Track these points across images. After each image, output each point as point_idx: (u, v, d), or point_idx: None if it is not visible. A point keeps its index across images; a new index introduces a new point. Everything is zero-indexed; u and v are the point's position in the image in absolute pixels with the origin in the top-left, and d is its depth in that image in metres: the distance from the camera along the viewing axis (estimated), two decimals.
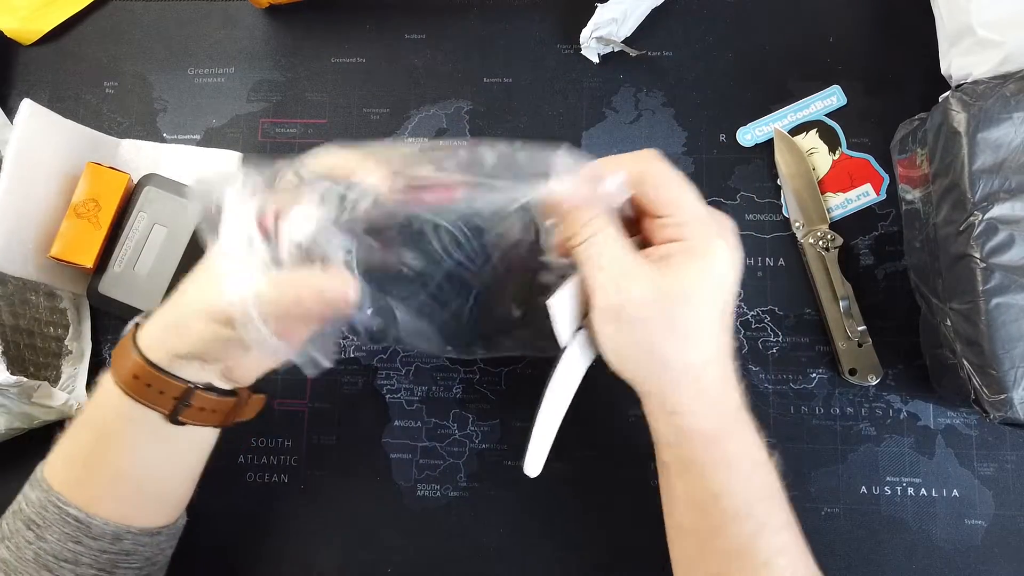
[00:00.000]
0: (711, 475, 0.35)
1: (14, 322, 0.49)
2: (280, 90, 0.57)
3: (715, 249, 0.34)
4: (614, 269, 0.34)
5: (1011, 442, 0.50)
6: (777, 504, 0.36)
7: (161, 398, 0.37)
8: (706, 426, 0.35)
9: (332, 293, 0.35)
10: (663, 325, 0.34)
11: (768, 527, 0.35)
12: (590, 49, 0.55)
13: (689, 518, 0.37)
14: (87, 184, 0.50)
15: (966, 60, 0.49)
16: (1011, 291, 0.42)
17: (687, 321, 0.34)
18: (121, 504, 0.39)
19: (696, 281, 0.34)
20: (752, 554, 0.34)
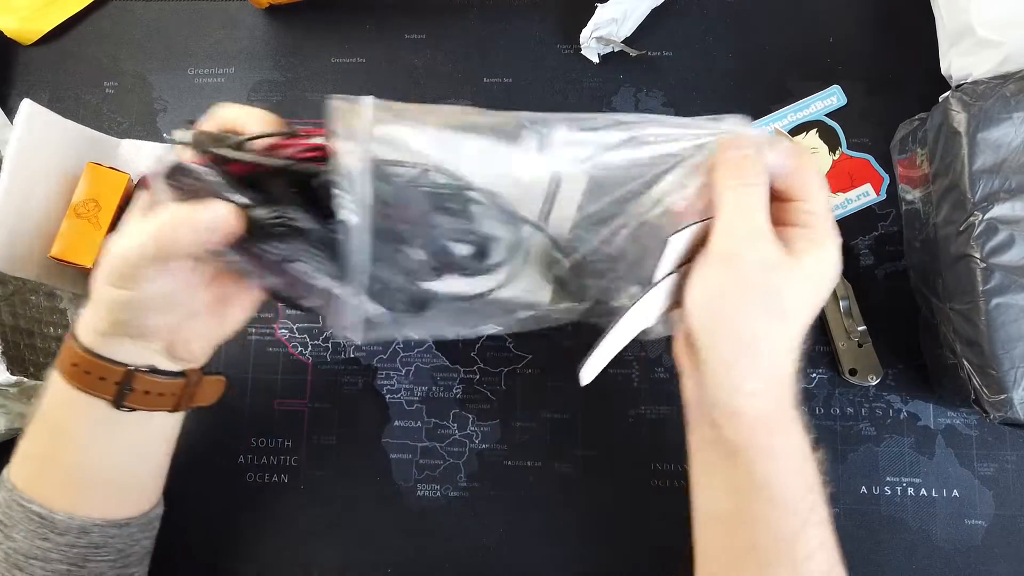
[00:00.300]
0: (760, 463, 0.34)
1: (14, 322, 0.49)
2: (280, 90, 0.57)
3: (831, 245, 0.35)
4: (751, 221, 0.34)
5: (1011, 442, 0.50)
6: (819, 500, 0.35)
7: (102, 384, 0.36)
8: (763, 411, 0.34)
9: (204, 217, 0.33)
10: (764, 294, 0.34)
11: (810, 523, 0.35)
12: (590, 49, 0.55)
13: (728, 505, 0.36)
14: (87, 184, 0.50)
15: (966, 60, 0.49)
16: (1011, 291, 0.42)
17: (786, 301, 0.34)
18: (82, 497, 0.38)
19: (809, 268, 0.34)
20: (796, 548, 0.34)
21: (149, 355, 0.38)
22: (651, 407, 0.52)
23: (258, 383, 0.53)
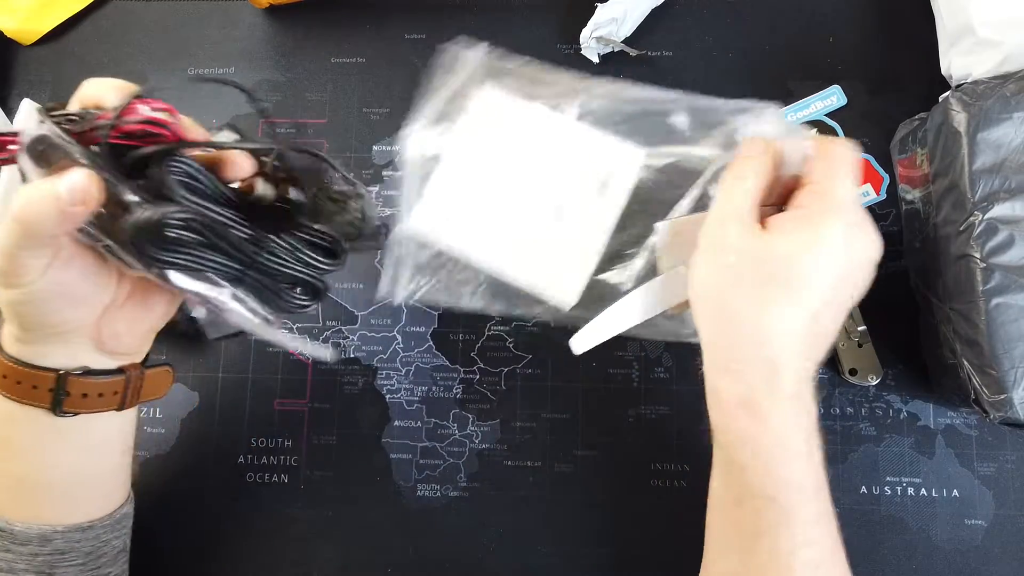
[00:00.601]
0: (739, 449, 0.34)
1: None
2: (280, 90, 0.57)
3: (829, 223, 0.33)
4: (728, 206, 0.34)
5: (1011, 442, 0.50)
6: (811, 496, 0.34)
7: (35, 392, 0.35)
8: (743, 395, 0.34)
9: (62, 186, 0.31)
10: (749, 278, 0.33)
11: (796, 517, 0.34)
12: (590, 49, 0.55)
13: (717, 488, 0.36)
14: None
15: (966, 60, 0.49)
16: (1011, 291, 0.42)
17: (773, 285, 0.33)
18: (37, 506, 0.38)
19: (798, 249, 0.33)
20: (774, 540, 0.34)
21: (80, 355, 0.36)
22: (651, 407, 0.52)
23: (258, 383, 0.53)
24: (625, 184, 0.48)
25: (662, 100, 0.45)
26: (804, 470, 0.35)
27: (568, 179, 0.47)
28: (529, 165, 0.48)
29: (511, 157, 0.49)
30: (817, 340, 0.34)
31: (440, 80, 0.48)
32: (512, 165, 0.48)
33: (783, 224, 0.34)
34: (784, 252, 0.33)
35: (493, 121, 0.49)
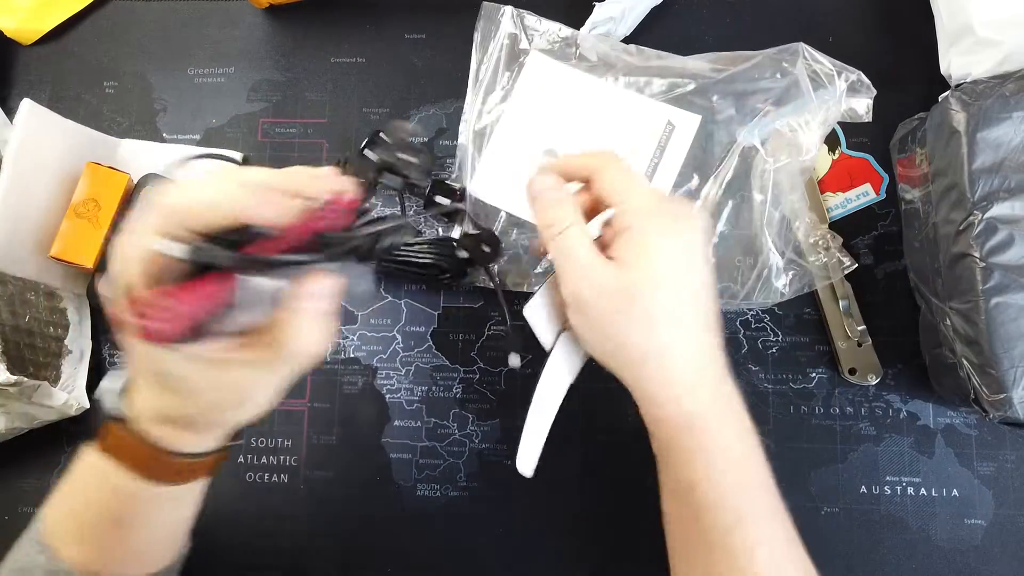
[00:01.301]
0: (685, 465, 0.35)
1: (14, 322, 0.49)
2: (280, 90, 0.57)
3: (654, 239, 0.35)
4: (578, 260, 0.36)
5: (1011, 442, 0.50)
6: (759, 495, 0.36)
7: (182, 476, 0.36)
8: (678, 415, 0.35)
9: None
10: (621, 315, 0.35)
11: (747, 518, 0.35)
12: (588, 48, 0.55)
13: (672, 507, 0.37)
14: (87, 184, 0.50)
15: (966, 60, 0.49)
16: (1011, 290, 0.42)
17: (641, 309, 0.35)
18: (141, 562, 0.38)
19: (644, 269, 0.35)
20: (730, 545, 0.34)
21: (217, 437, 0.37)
22: None
23: None
24: (681, 148, 0.52)
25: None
26: (747, 471, 0.36)
27: (624, 144, 0.49)
28: (583, 131, 0.50)
29: (564, 123, 0.51)
30: (704, 326, 0.36)
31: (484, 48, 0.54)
32: (566, 131, 0.50)
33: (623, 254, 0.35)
34: (635, 277, 0.35)
35: (544, 88, 0.53)
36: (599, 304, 0.35)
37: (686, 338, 0.36)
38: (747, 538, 0.34)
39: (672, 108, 0.52)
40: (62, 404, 0.50)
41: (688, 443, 0.35)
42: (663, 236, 0.35)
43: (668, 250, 0.35)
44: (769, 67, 0.51)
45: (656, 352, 0.35)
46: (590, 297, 0.35)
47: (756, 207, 0.50)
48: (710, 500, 0.35)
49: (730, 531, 0.34)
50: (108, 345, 0.55)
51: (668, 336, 0.35)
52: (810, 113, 0.49)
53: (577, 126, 0.53)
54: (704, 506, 0.35)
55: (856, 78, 0.49)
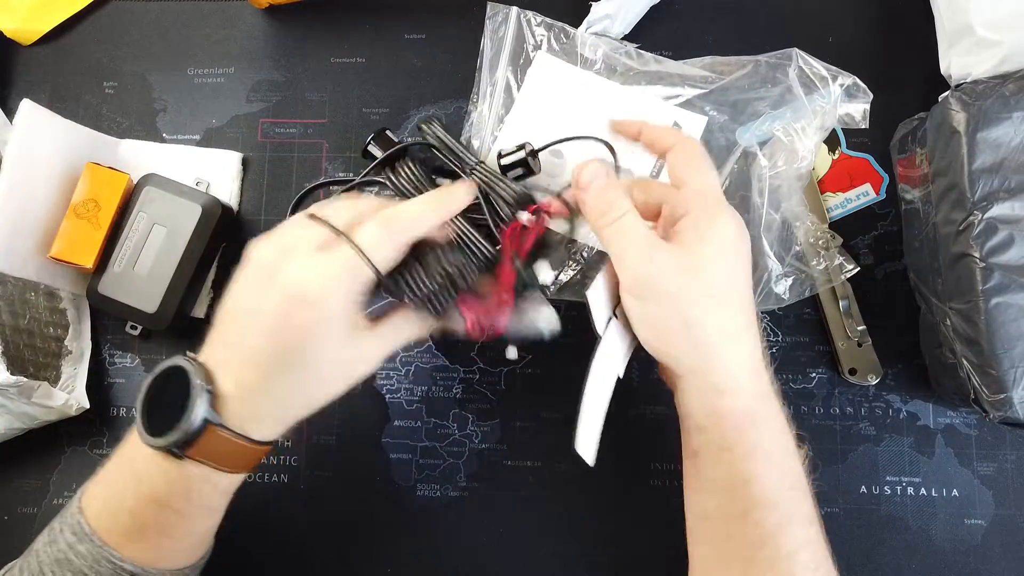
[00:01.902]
0: (743, 460, 0.35)
1: (14, 322, 0.49)
2: (280, 90, 0.57)
3: (720, 218, 0.36)
4: (638, 245, 0.35)
5: (1011, 442, 0.50)
6: (803, 496, 0.35)
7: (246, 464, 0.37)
8: (743, 407, 0.35)
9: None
10: (693, 292, 0.35)
11: (794, 519, 0.35)
12: (586, 47, 0.55)
13: (715, 504, 0.36)
14: (87, 184, 0.50)
15: (966, 60, 0.49)
16: (1011, 291, 0.42)
17: (717, 288, 0.35)
18: (183, 554, 0.39)
19: (717, 247, 0.35)
20: (776, 545, 0.34)
21: None
22: (651, 407, 0.52)
23: None
24: None
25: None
26: (798, 469, 0.36)
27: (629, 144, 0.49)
28: (590, 131, 0.50)
29: (571, 123, 0.53)
30: (755, 315, 0.37)
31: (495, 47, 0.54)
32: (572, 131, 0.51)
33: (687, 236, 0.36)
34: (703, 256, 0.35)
35: (551, 88, 0.54)
36: (664, 283, 0.35)
37: (749, 324, 0.36)
38: (794, 539, 0.34)
39: (678, 109, 0.52)
40: (62, 404, 0.50)
41: (750, 437, 0.35)
42: (725, 220, 0.36)
43: (729, 235, 0.36)
44: (763, 73, 0.51)
45: (731, 329, 0.35)
46: (655, 277, 0.35)
47: (755, 211, 0.50)
48: (764, 497, 0.34)
49: (779, 530, 0.34)
50: (108, 345, 0.55)
51: (740, 314, 0.35)
52: (806, 119, 0.49)
53: (584, 126, 0.53)
54: (757, 503, 0.34)
55: (852, 82, 0.49)
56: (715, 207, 0.36)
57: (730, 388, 0.35)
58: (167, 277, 0.50)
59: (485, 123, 0.54)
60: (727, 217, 0.36)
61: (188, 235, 0.50)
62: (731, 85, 0.52)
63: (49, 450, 0.53)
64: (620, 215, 0.36)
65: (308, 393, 0.37)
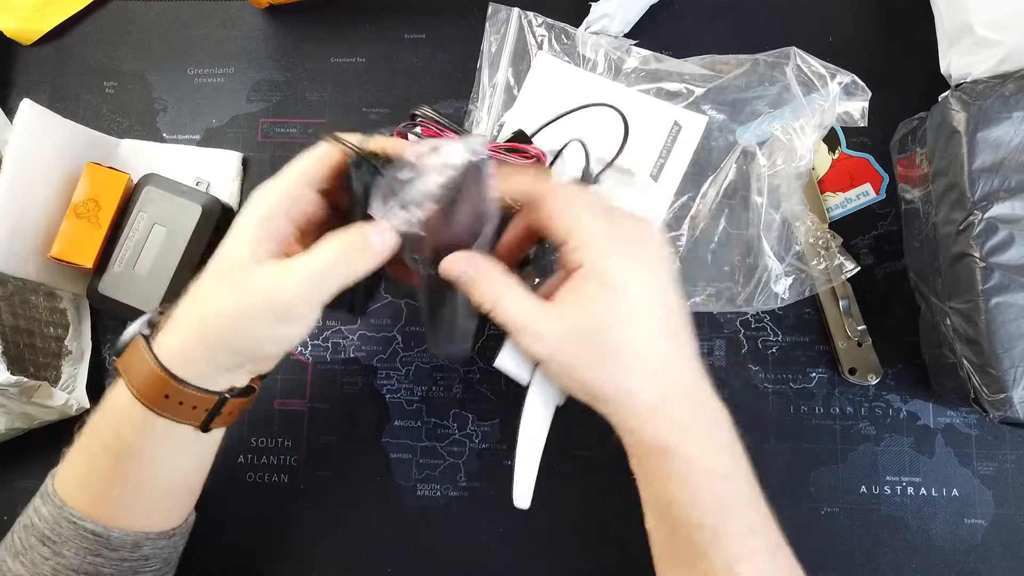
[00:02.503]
0: (660, 486, 0.35)
1: (14, 322, 0.49)
2: (280, 90, 0.57)
3: (614, 268, 0.34)
4: (524, 325, 0.35)
5: (1011, 442, 0.50)
6: (739, 511, 0.35)
7: (193, 412, 0.36)
8: (652, 439, 0.35)
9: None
10: (589, 360, 0.35)
11: (724, 535, 0.35)
12: (586, 46, 0.55)
13: (652, 522, 0.37)
14: (87, 184, 0.50)
15: (966, 59, 0.49)
16: (1011, 290, 0.42)
17: (611, 347, 0.34)
18: (143, 514, 0.38)
19: (605, 306, 0.34)
20: (708, 562, 0.34)
21: (240, 377, 0.38)
22: None
23: None
24: (688, 149, 0.52)
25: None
26: (728, 489, 0.36)
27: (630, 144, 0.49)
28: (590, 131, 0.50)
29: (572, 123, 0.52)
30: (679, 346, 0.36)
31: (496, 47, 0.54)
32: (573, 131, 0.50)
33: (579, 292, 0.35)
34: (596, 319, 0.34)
35: (552, 88, 0.54)
36: (559, 357, 0.35)
37: (657, 368, 0.35)
38: (726, 554, 0.34)
39: (679, 109, 0.52)
40: (62, 404, 0.50)
41: (661, 465, 0.35)
42: (624, 265, 0.34)
43: (631, 280, 0.34)
44: (761, 72, 0.51)
45: (624, 389, 0.35)
46: (548, 354, 0.35)
47: (755, 210, 0.50)
48: (685, 519, 0.35)
49: (708, 548, 0.34)
50: (108, 345, 0.55)
51: (646, 364, 0.35)
52: (804, 117, 0.49)
53: (585, 125, 0.53)
54: (681, 524, 0.35)
55: (850, 80, 0.49)
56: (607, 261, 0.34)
57: (637, 427, 0.35)
58: (167, 277, 0.50)
59: (485, 123, 0.54)
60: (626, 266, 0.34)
61: (188, 235, 0.50)
62: (729, 84, 0.52)
63: (49, 450, 0.53)
64: (494, 304, 0.36)
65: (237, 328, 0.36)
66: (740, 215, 0.51)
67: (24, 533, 0.38)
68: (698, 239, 0.52)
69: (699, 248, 0.52)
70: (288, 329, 0.36)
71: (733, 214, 0.52)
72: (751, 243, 0.51)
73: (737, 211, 0.52)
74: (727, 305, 0.50)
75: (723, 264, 0.51)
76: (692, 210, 0.52)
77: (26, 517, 0.38)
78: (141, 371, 0.36)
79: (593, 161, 0.53)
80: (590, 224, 0.35)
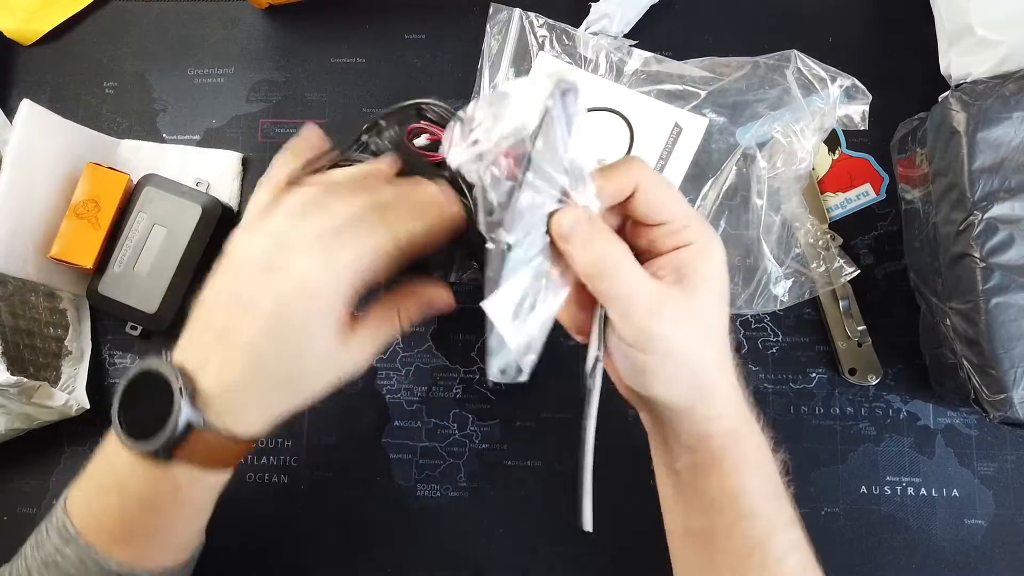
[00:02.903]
0: (730, 475, 0.35)
1: (14, 322, 0.49)
2: (280, 90, 0.57)
3: (718, 245, 0.34)
4: (642, 299, 0.32)
5: (1011, 442, 0.50)
6: (785, 502, 0.36)
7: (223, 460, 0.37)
8: (730, 427, 0.35)
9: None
10: (697, 338, 0.33)
11: (779, 525, 0.35)
12: (586, 46, 0.55)
13: (702, 521, 0.37)
14: (87, 184, 0.50)
15: (966, 60, 0.49)
16: (1011, 291, 0.42)
17: (714, 328, 0.34)
18: (167, 553, 0.38)
19: (715, 285, 0.34)
20: (765, 552, 0.34)
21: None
22: None
23: None
24: (688, 151, 0.52)
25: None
26: (773, 480, 0.36)
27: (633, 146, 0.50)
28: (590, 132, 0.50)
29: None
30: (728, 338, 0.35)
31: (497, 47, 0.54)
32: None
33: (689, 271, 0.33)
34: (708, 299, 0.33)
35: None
36: (670, 336, 0.33)
37: (724, 351, 0.35)
38: (780, 545, 0.35)
39: (680, 111, 0.52)
40: (62, 405, 0.50)
41: (736, 452, 0.35)
42: (719, 250, 0.34)
43: (722, 267, 0.34)
44: (762, 75, 0.51)
45: (718, 369, 0.35)
46: (667, 331, 0.32)
47: (755, 212, 0.50)
48: (749, 509, 0.35)
49: (766, 538, 0.34)
50: (108, 346, 0.55)
51: (725, 348, 0.35)
52: (805, 120, 0.49)
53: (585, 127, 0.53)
54: (744, 515, 0.35)
55: (851, 83, 0.49)
56: (709, 239, 0.34)
57: (719, 413, 0.35)
58: (167, 277, 0.50)
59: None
60: (718, 246, 0.34)
61: (188, 235, 0.50)
62: (730, 87, 0.52)
63: (49, 450, 0.53)
64: (615, 268, 0.32)
65: (296, 389, 0.36)
66: (740, 216, 0.52)
67: (47, 571, 0.36)
68: None
69: None
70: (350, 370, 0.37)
71: (733, 215, 0.52)
72: (751, 245, 0.51)
73: (737, 212, 0.52)
74: None
75: None
76: None
77: (46, 555, 0.37)
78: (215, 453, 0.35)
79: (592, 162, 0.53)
80: (686, 206, 0.34)
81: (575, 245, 0.33)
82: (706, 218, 0.52)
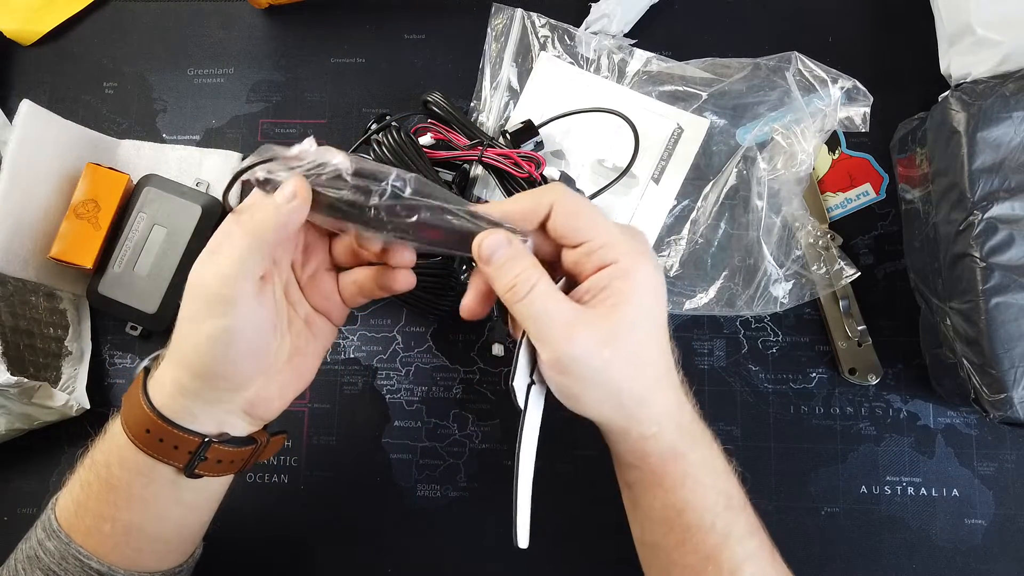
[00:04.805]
0: (673, 491, 0.35)
1: (14, 322, 0.49)
2: (280, 90, 0.57)
3: (643, 263, 0.34)
4: (556, 322, 0.33)
5: (1011, 442, 0.50)
6: (739, 512, 0.36)
7: (175, 453, 0.35)
8: (669, 445, 0.35)
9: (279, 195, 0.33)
10: (618, 362, 0.33)
11: (732, 536, 0.35)
12: (587, 46, 0.55)
13: (655, 534, 0.37)
14: (87, 184, 0.50)
15: (966, 60, 0.49)
16: (1011, 290, 0.42)
17: (641, 349, 0.34)
18: (140, 554, 0.38)
19: (638, 305, 0.33)
20: (719, 564, 0.34)
21: (227, 421, 0.36)
22: None
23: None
24: (689, 152, 0.53)
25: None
26: (731, 486, 0.36)
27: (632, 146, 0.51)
28: (591, 132, 0.50)
29: (574, 124, 0.53)
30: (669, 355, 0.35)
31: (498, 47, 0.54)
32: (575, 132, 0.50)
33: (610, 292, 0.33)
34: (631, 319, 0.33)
35: (555, 90, 0.54)
36: (592, 359, 0.33)
37: (667, 370, 0.35)
38: (734, 556, 0.35)
39: (681, 112, 0.52)
40: (62, 405, 0.50)
41: (677, 468, 0.35)
42: (644, 268, 0.34)
43: (650, 282, 0.34)
44: (762, 76, 0.51)
45: (647, 390, 0.35)
46: (581, 354, 0.33)
47: (755, 214, 0.51)
48: (697, 523, 0.35)
49: (718, 552, 0.35)
50: (108, 346, 0.55)
51: (658, 368, 0.35)
52: (805, 122, 0.49)
53: (586, 128, 0.53)
54: (692, 530, 0.35)
55: (852, 85, 0.49)
56: (634, 256, 0.33)
57: (654, 432, 0.35)
58: (167, 277, 0.50)
59: (487, 123, 0.54)
60: (646, 262, 0.34)
61: (188, 235, 0.50)
62: (731, 88, 0.52)
63: (49, 450, 0.53)
64: (529, 289, 0.33)
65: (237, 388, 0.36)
66: (740, 217, 0.52)
67: (29, 565, 0.37)
68: (699, 242, 0.52)
69: (699, 251, 0.52)
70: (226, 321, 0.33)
71: (733, 216, 0.52)
72: (751, 246, 0.51)
73: (737, 213, 0.52)
74: (727, 308, 0.50)
75: (723, 267, 0.51)
76: (693, 214, 0.52)
77: (29, 548, 0.37)
78: (132, 403, 0.35)
79: (593, 162, 0.53)
80: (606, 225, 0.34)
81: (493, 267, 0.34)
82: (707, 218, 0.52)
